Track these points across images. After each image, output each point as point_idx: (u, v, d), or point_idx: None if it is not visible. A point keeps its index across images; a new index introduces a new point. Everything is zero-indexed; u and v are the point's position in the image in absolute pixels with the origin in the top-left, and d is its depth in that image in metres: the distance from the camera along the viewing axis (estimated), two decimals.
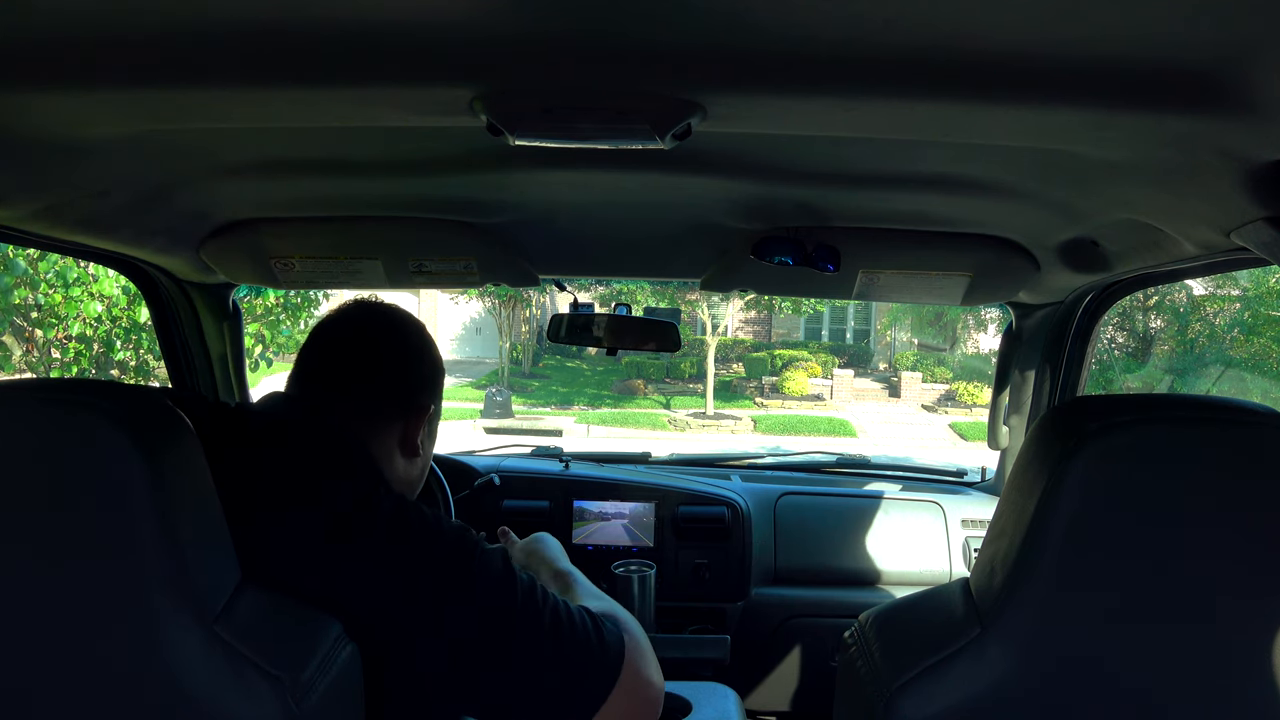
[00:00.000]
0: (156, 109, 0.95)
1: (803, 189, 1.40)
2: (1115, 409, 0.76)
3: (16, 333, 6.94)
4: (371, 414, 1.09)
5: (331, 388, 1.09)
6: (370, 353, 1.12)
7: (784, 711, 2.31)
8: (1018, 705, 0.78)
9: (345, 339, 1.13)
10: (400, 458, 1.13)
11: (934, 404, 18.53)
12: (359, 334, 1.13)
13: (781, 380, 18.89)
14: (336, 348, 1.12)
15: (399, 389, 1.12)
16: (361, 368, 1.11)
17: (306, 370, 1.12)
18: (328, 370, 1.10)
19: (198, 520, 0.79)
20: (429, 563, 0.92)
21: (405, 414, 1.12)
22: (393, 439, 1.11)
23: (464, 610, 0.91)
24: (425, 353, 1.17)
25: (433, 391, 1.17)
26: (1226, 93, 0.76)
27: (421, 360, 1.16)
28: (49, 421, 0.74)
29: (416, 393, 1.13)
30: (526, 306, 20.99)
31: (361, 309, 1.16)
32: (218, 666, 0.76)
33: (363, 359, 1.11)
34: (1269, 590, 0.76)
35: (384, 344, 1.13)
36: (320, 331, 1.14)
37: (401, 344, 1.15)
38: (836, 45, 0.76)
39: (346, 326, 1.14)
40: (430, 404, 1.16)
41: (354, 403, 1.08)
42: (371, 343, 1.13)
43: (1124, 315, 12.95)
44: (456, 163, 1.30)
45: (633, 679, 0.96)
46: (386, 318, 1.16)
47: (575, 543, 2.28)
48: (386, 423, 1.10)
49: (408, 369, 1.14)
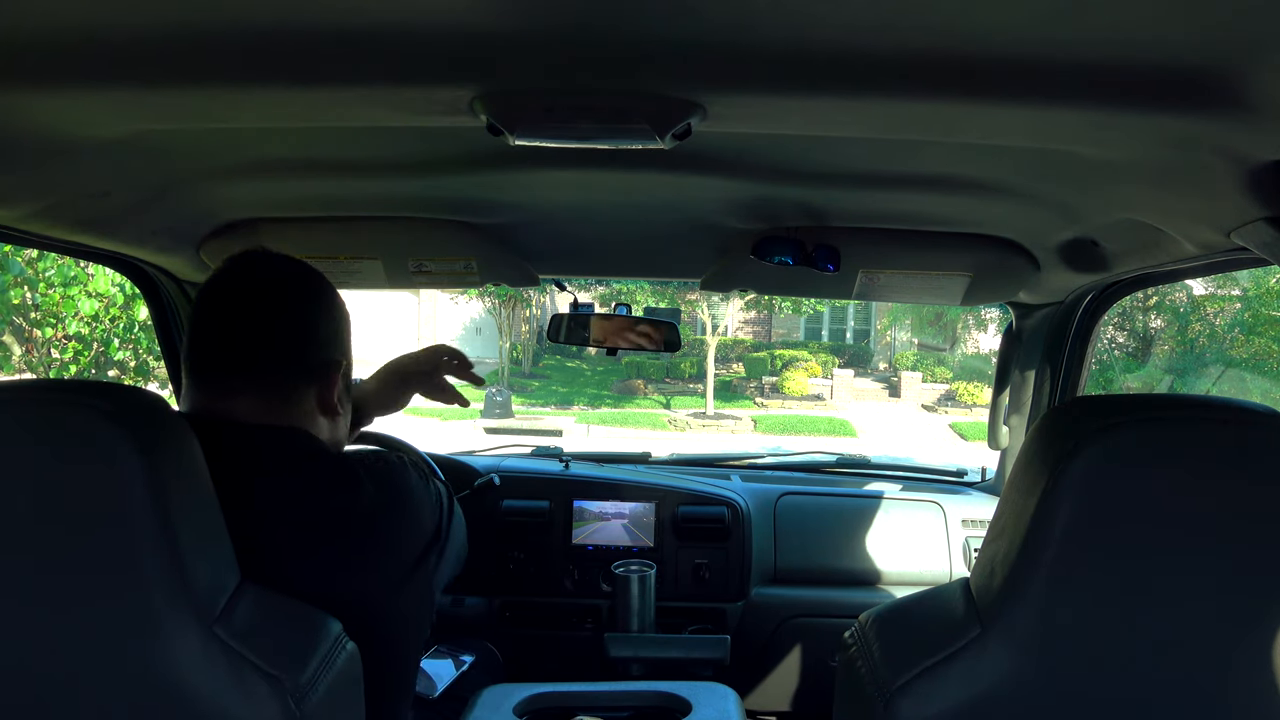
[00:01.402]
0: (157, 109, 0.95)
1: (803, 189, 1.40)
2: (1115, 409, 0.76)
3: (16, 333, 6.94)
4: (280, 386, 1.03)
5: (234, 370, 1.02)
6: (261, 321, 1.03)
7: (784, 711, 2.31)
8: (1018, 705, 0.78)
9: (232, 310, 1.04)
10: (323, 420, 1.07)
11: (934, 404, 18.53)
12: (244, 302, 1.04)
13: (781, 380, 18.89)
14: (225, 323, 1.04)
15: (302, 353, 1.05)
16: (254, 341, 1.03)
17: (202, 355, 1.04)
18: (224, 351, 1.03)
19: (197, 521, 0.79)
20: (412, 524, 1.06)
21: (315, 377, 1.06)
22: (310, 404, 1.06)
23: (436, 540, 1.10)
24: (320, 305, 1.08)
25: (339, 345, 1.10)
26: (1226, 93, 0.76)
27: (319, 316, 1.08)
28: (48, 423, 0.74)
29: (322, 351, 1.07)
30: (526, 306, 20.99)
31: (240, 267, 1.06)
32: (218, 667, 0.76)
33: (254, 331, 1.03)
34: (1269, 590, 0.76)
35: (273, 308, 1.04)
36: (204, 304, 1.05)
37: (294, 304, 1.06)
38: (836, 45, 0.76)
39: (230, 296, 1.05)
40: (341, 359, 1.09)
41: (259, 379, 1.02)
42: (260, 309, 1.04)
43: (1124, 315, 12.95)
44: (456, 163, 1.30)
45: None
46: (268, 277, 1.06)
47: (575, 543, 2.28)
48: (298, 391, 1.04)
49: (305, 329, 1.06)
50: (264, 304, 1.04)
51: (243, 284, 1.05)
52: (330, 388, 1.07)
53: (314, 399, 1.06)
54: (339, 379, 1.09)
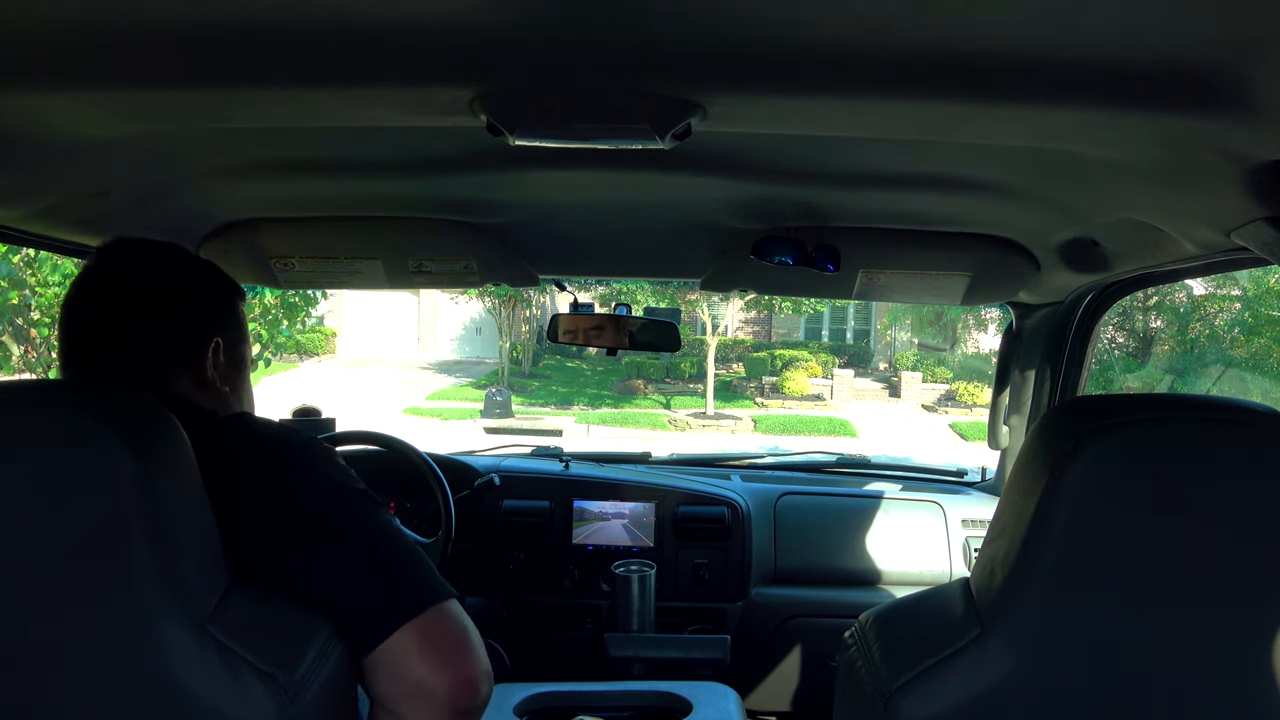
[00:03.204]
0: (157, 109, 0.95)
1: (803, 189, 1.40)
2: (1115, 409, 0.76)
3: (16, 333, 6.95)
4: (146, 370, 1.02)
5: (96, 360, 1.02)
6: (121, 309, 1.03)
7: (784, 711, 2.31)
8: (1018, 705, 0.78)
9: (92, 302, 1.04)
10: (205, 395, 1.06)
11: (934, 404, 18.52)
12: (105, 299, 1.04)
13: (781, 380, 18.88)
14: (86, 315, 1.04)
15: (169, 334, 1.04)
16: (116, 330, 1.02)
17: (69, 346, 1.04)
18: (88, 342, 1.03)
19: (189, 521, 0.79)
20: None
21: (185, 356, 1.05)
22: (186, 381, 1.05)
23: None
24: (185, 287, 1.08)
25: (211, 324, 1.08)
26: (1226, 93, 0.76)
27: (183, 298, 1.07)
28: (42, 423, 0.74)
29: (193, 331, 1.06)
30: (526, 306, 20.98)
31: (106, 264, 1.06)
32: (212, 666, 0.76)
33: (114, 320, 1.03)
34: (1270, 590, 0.75)
35: (128, 300, 1.04)
36: (67, 300, 1.05)
37: (156, 290, 1.05)
38: (836, 45, 0.76)
39: (90, 292, 1.05)
40: (213, 336, 1.07)
41: (124, 366, 1.02)
42: (118, 296, 1.04)
43: (1124, 315, 12.95)
44: (456, 163, 1.30)
45: (444, 623, 0.93)
46: (128, 269, 1.06)
47: (575, 543, 2.28)
48: (170, 371, 1.04)
49: (168, 312, 1.05)
50: (127, 293, 1.04)
51: (106, 276, 1.05)
52: (203, 365, 1.06)
53: (189, 376, 1.05)
54: (209, 356, 1.07)
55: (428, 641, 0.91)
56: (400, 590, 0.93)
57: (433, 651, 0.91)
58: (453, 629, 0.94)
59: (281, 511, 0.93)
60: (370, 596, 0.92)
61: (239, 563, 0.87)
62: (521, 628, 2.27)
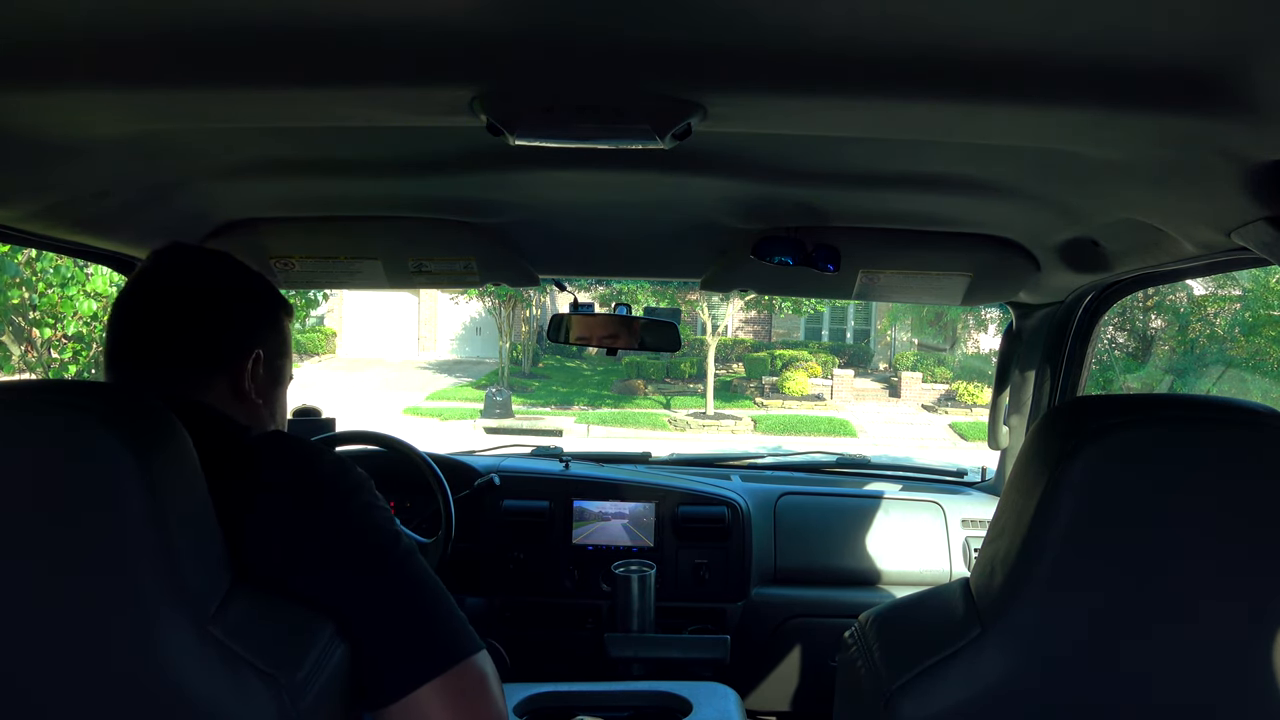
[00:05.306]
0: (156, 109, 0.95)
1: (803, 189, 1.40)
2: (1115, 409, 0.76)
3: (16, 333, 6.95)
4: (188, 376, 1.03)
5: (141, 364, 1.03)
6: (169, 314, 1.04)
7: (784, 711, 2.31)
8: (1018, 705, 0.78)
9: (142, 305, 1.05)
10: (239, 406, 1.06)
11: (934, 404, 18.52)
12: (154, 297, 1.05)
13: (781, 380, 18.88)
14: (135, 317, 1.05)
15: (213, 342, 1.05)
16: (162, 333, 1.03)
17: (115, 346, 1.05)
18: (134, 344, 1.04)
19: (191, 522, 0.79)
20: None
21: (225, 365, 1.05)
22: (222, 388, 1.05)
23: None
24: (232, 297, 1.08)
25: (253, 334, 1.08)
26: (1226, 93, 0.76)
27: (231, 308, 1.08)
28: (43, 424, 0.74)
29: (234, 341, 1.06)
30: (526, 306, 20.99)
31: (156, 268, 1.07)
32: (214, 667, 0.76)
33: (161, 324, 1.04)
34: (1269, 590, 0.76)
35: (182, 302, 1.05)
36: (119, 301, 1.07)
37: (205, 297, 1.06)
38: (836, 45, 0.76)
39: (137, 293, 1.06)
40: (255, 347, 1.08)
41: (167, 369, 1.02)
42: (163, 297, 1.05)
43: (1124, 315, 12.95)
44: (456, 163, 1.30)
45: (470, 676, 0.91)
46: (176, 273, 1.07)
47: (575, 543, 2.28)
48: (210, 377, 1.04)
49: (215, 321, 1.06)
50: (173, 298, 1.05)
51: (154, 280, 1.06)
52: (241, 375, 1.06)
53: (226, 385, 1.06)
54: (249, 368, 1.07)
55: (451, 696, 0.88)
56: (430, 644, 0.89)
57: (455, 707, 0.89)
58: (478, 681, 0.91)
59: (309, 547, 0.90)
60: (397, 649, 0.88)
61: (242, 566, 0.87)
62: (521, 628, 2.27)
